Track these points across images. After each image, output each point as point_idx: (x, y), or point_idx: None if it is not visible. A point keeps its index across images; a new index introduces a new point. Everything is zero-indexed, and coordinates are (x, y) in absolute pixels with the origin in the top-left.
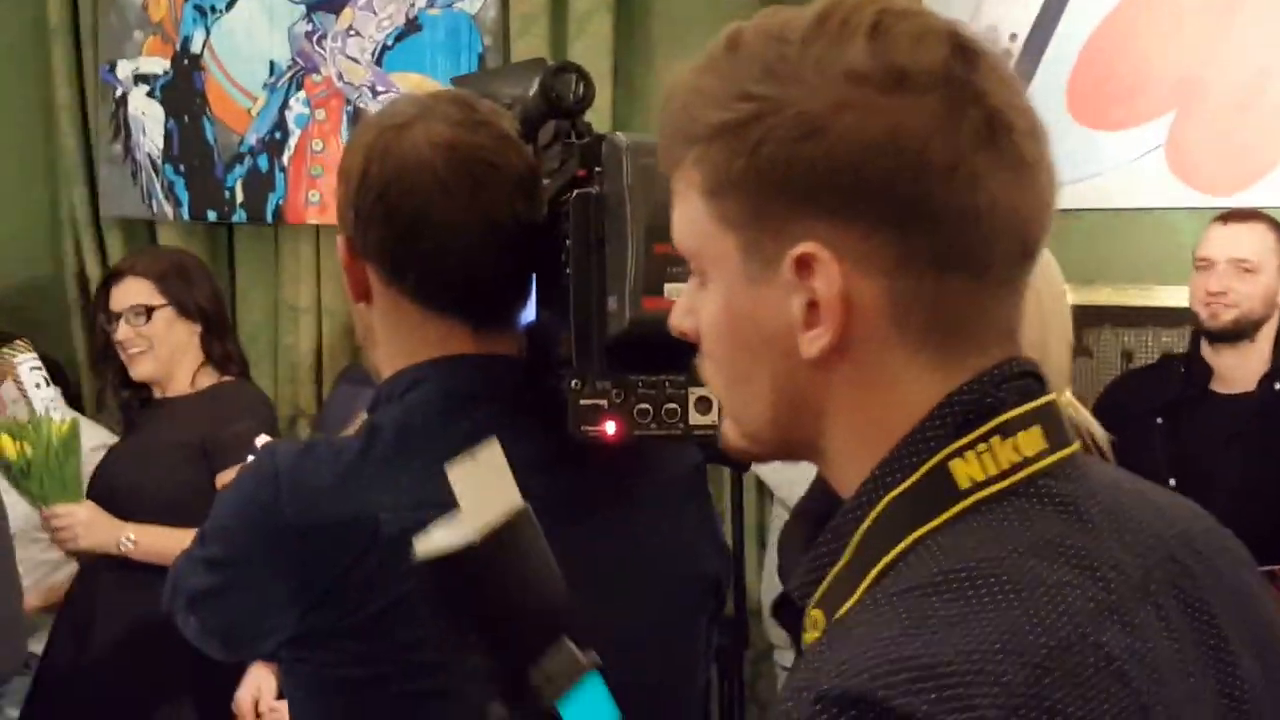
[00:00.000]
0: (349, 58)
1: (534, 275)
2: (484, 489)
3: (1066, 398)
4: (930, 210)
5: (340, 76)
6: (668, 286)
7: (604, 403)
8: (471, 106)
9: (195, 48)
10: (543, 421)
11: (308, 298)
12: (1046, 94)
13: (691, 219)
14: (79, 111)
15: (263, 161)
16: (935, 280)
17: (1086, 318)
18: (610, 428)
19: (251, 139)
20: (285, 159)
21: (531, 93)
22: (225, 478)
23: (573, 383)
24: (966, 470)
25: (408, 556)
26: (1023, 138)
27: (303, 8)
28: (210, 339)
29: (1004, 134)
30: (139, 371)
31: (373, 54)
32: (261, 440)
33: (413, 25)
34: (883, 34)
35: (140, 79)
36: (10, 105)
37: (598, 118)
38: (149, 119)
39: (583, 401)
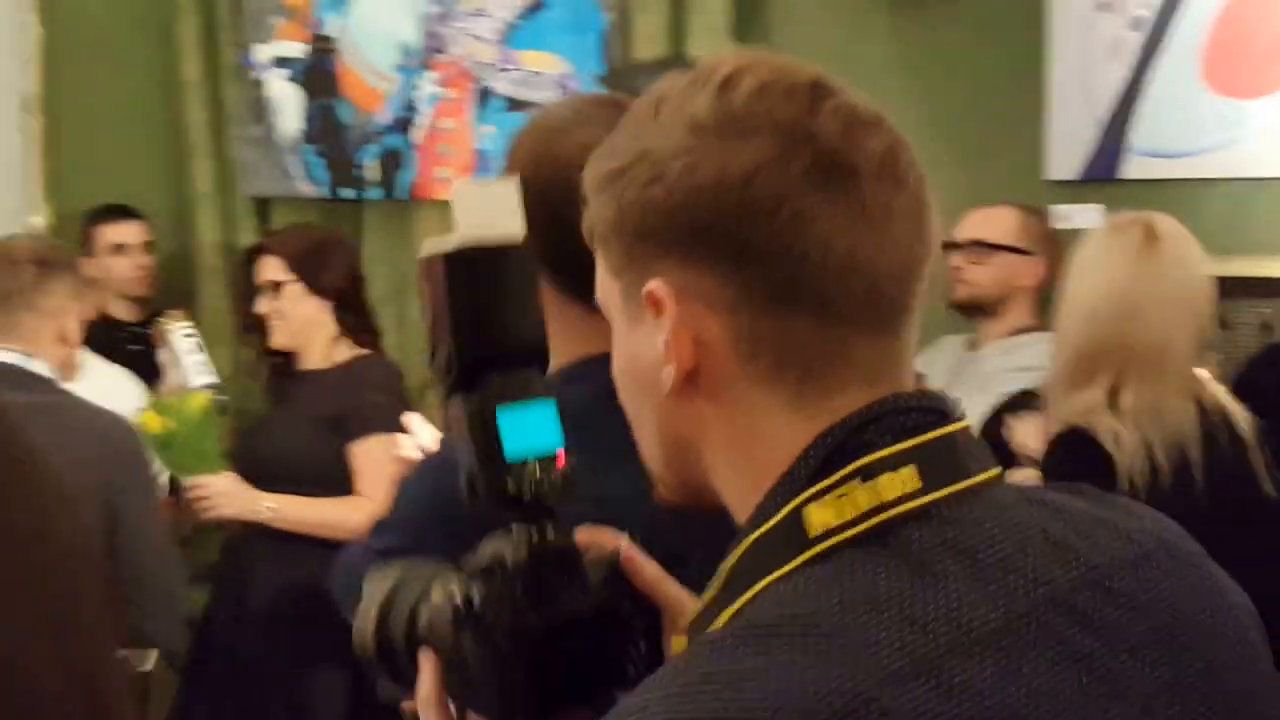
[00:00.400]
0: (476, 38)
1: None
2: (488, 212)
3: (1203, 376)
4: (758, 248)
5: (468, 56)
6: None
7: None
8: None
9: (330, 31)
10: None
11: None
12: (1179, 62)
13: (597, 271)
14: (211, 88)
15: (395, 140)
16: (779, 318)
17: (1223, 289)
18: None
19: (384, 119)
20: (416, 137)
21: None
22: (358, 448)
23: None
24: (821, 516)
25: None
26: (869, 182)
27: None
28: (344, 313)
29: (841, 177)
30: (274, 341)
31: (499, 33)
32: (409, 418)
33: (537, 4)
34: (731, 86)
35: (278, 63)
36: (136, 78)
37: None
38: (288, 101)
39: None
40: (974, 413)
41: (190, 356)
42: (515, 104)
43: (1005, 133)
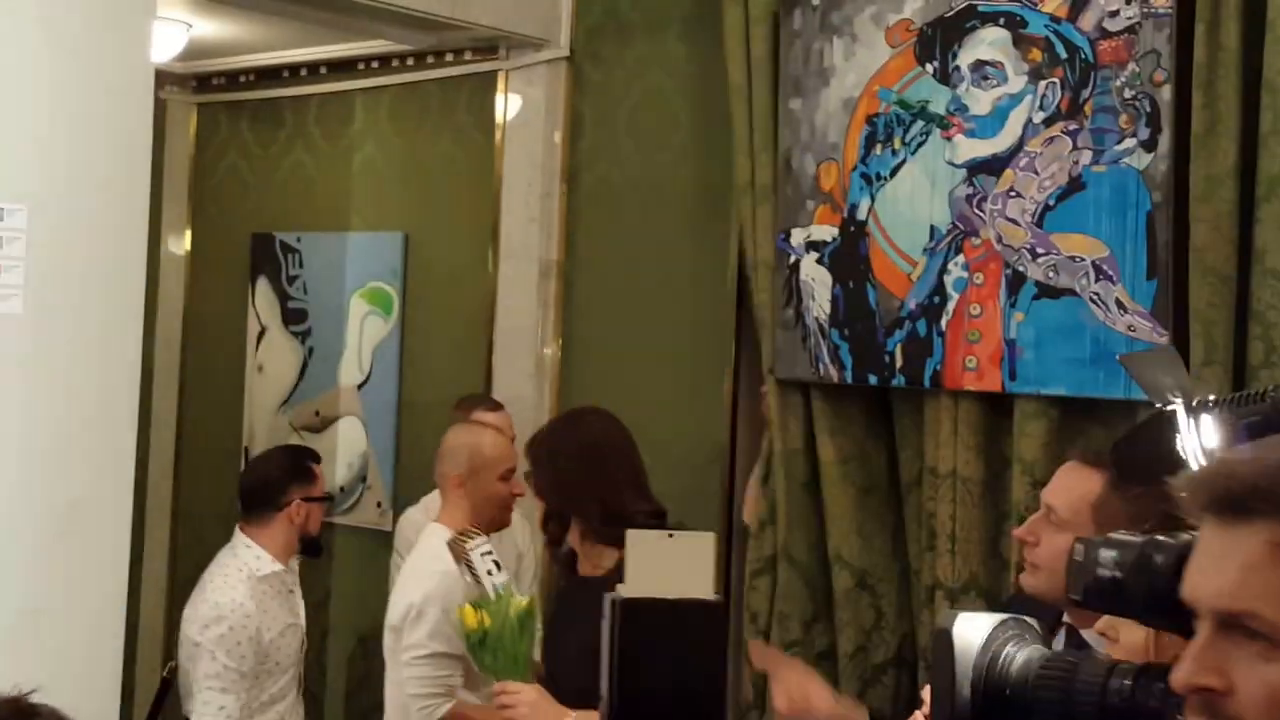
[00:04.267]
0: (1009, 219)
1: None
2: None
3: None
4: None
5: (999, 239)
6: None
7: None
8: None
9: (861, 215)
10: None
11: (947, 464)
12: None
13: None
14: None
15: (921, 326)
16: None
17: None
18: None
19: (911, 303)
20: (943, 323)
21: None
22: None
23: None
24: None
25: None
26: None
27: (964, 171)
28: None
29: None
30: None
31: (1033, 215)
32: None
33: (1076, 184)
34: None
35: (811, 246)
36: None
37: None
38: (818, 284)
39: None
40: None
41: (490, 577)
42: (1047, 290)
43: None
